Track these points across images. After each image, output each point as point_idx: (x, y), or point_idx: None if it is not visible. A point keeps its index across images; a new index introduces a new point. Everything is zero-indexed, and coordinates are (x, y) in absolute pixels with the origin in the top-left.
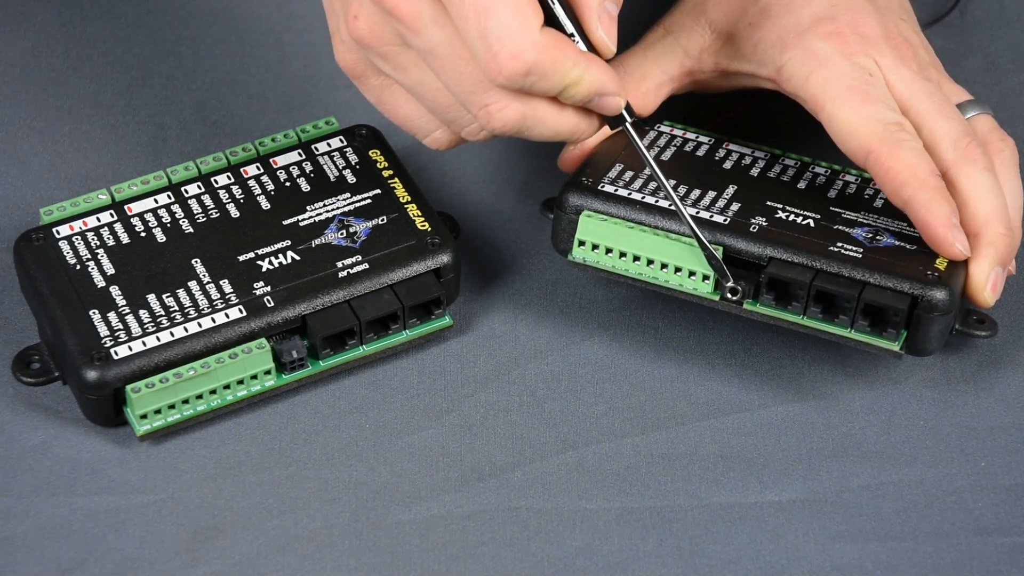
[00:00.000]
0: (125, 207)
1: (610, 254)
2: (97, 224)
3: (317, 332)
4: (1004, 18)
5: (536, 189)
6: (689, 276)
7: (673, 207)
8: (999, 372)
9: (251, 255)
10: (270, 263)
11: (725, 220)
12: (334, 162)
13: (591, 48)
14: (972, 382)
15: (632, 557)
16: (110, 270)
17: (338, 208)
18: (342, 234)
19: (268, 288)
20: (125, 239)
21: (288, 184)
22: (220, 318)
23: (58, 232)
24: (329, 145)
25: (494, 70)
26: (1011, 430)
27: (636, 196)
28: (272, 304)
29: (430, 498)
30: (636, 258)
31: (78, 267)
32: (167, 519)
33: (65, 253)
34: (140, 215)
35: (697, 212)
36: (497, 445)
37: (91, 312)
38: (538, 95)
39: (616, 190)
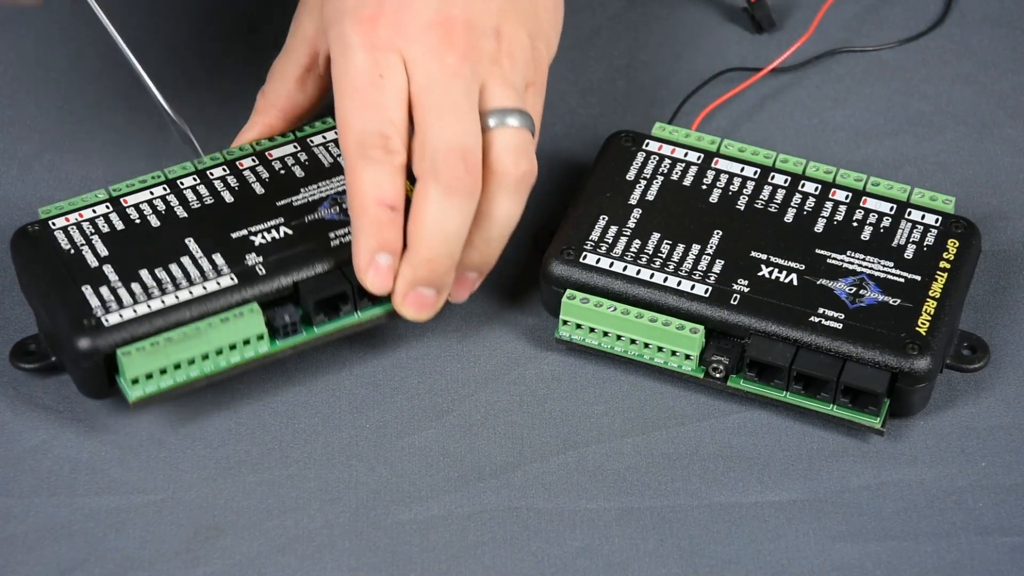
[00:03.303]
0: (121, 200)
1: (594, 332)
2: (93, 215)
3: (309, 296)
4: (1004, 18)
5: (535, 189)
6: (672, 355)
7: None
8: (999, 372)
9: (244, 232)
10: (263, 237)
11: (706, 292)
12: (329, 151)
13: None
14: (972, 382)
15: (632, 557)
16: (104, 252)
17: (332, 188)
18: (335, 210)
19: (260, 259)
20: (120, 226)
21: (283, 172)
22: (212, 286)
23: (54, 224)
24: (324, 138)
25: None
26: (1011, 430)
27: (618, 267)
28: (264, 272)
29: (430, 498)
30: (620, 336)
31: (72, 251)
32: (167, 519)
33: (60, 240)
34: (135, 205)
35: (679, 283)
36: (497, 445)
37: (83, 288)
38: None
39: (598, 260)
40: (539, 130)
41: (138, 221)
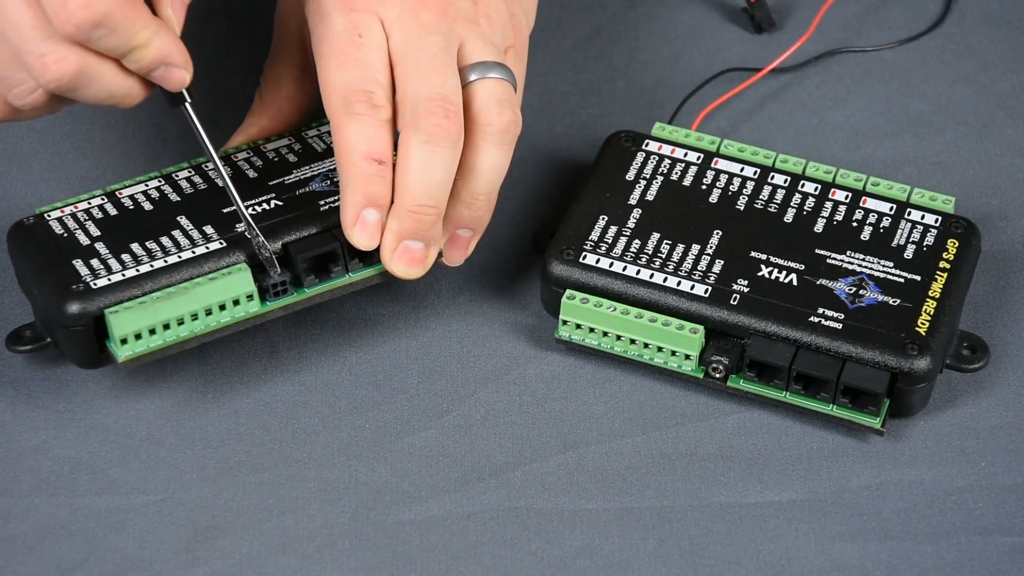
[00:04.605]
0: (116, 192)
1: (594, 332)
2: (88, 207)
3: (299, 255)
4: (1004, 18)
5: (535, 189)
6: (672, 355)
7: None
8: (999, 372)
9: (235, 208)
10: (253, 210)
11: (706, 292)
12: (323, 140)
13: None
14: (972, 382)
15: (632, 557)
16: (96, 233)
17: (324, 167)
18: (327, 183)
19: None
20: (113, 212)
21: (276, 160)
22: (201, 251)
23: (49, 215)
24: (319, 130)
25: (63, 16)
26: (1011, 430)
27: (618, 267)
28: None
29: (430, 498)
30: (620, 336)
31: (65, 235)
32: (167, 519)
33: (54, 226)
34: (131, 196)
35: (679, 283)
36: (497, 445)
37: (74, 262)
38: (102, 52)
39: (598, 260)
40: (521, 90)
41: (131, 207)
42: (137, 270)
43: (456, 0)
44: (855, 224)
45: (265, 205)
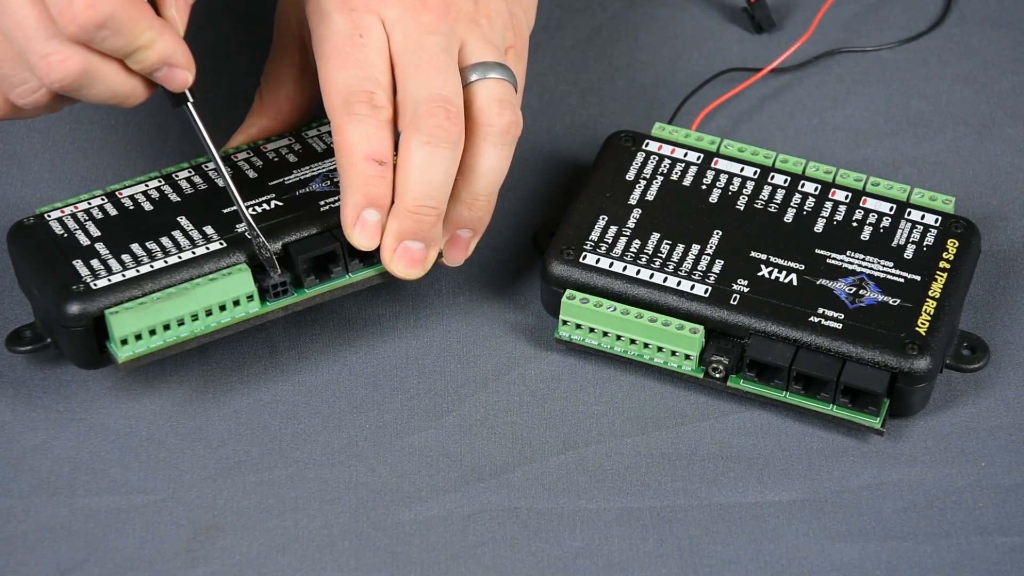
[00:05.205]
0: (116, 192)
1: (594, 332)
2: (88, 207)
3: (299, 256)
4: (1004, 18)
5: (535, 189)
6: (672, 355)
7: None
8: (999, 372)
9: (236, 208)
10: (253, 211)
11: (706, 292)
12: (323, 140)
13: None
14: (972, 382)
15: (632, 557)
16: (96, 233)
17: (324, 168)
18: (327, 183)
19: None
20: (113, 212)
21: (276, 160)
22: (201, 251)
23: (49, 216)
24: (319, 130)
25: (68, 17)
26: (1011, 430)
27: (618, 267)
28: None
29: (430, 498)
30: (620, 336)
31: (65, 235)
32: (167, 519)
33: (54, 227)
34: (131, 196)
35: (679, 283)
36: (497, 445)
37: (74, 262)
38: (106, 52)
39: (598, 260)
40: (522, 90)
41: (131, 207)
42: (137, 270)
43: (457, 0)
44: (855, 224)
45: (265, 205)
